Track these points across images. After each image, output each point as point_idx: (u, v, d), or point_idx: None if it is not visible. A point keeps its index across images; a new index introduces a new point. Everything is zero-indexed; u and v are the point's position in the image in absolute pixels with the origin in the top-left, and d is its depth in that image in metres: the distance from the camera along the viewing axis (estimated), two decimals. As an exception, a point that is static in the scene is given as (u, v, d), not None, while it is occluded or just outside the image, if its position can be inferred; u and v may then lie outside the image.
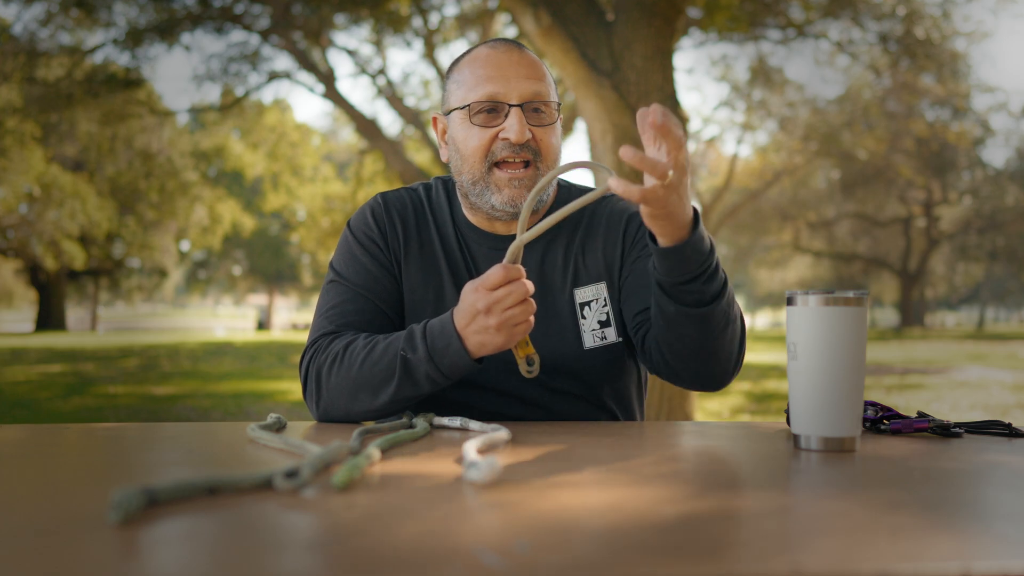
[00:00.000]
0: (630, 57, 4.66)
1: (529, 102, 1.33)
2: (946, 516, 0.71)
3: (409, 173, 10.00)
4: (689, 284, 1.18)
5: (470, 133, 1.34)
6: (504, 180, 1.33)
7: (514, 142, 1.31)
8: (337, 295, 1.38)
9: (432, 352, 1.20)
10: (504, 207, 1.35)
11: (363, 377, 1.24)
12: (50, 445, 1.09)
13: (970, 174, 29.06)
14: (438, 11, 11.48)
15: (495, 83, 1.33)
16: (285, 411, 8.13)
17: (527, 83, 1.33)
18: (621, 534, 0.64)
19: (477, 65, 1.36)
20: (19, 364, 13.68)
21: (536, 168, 1.34)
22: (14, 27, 10.50)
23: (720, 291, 1.21)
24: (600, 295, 1.40)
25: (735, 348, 1.29)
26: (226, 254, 37.83)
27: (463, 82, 1.36)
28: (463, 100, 1.35)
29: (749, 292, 48.62)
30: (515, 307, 1.14)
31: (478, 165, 1.34)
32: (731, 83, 13.96)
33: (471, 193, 1.37)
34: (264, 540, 0.63)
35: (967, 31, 10.90)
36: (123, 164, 17.46)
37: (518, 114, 1.32)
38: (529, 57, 1.37)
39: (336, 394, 1.27)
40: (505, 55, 1.35)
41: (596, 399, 1.41)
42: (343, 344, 1.28)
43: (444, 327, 1.20)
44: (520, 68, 1.34)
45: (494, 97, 1.33)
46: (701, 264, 1.16)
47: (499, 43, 1.38)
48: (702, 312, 1.20)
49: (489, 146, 1.33)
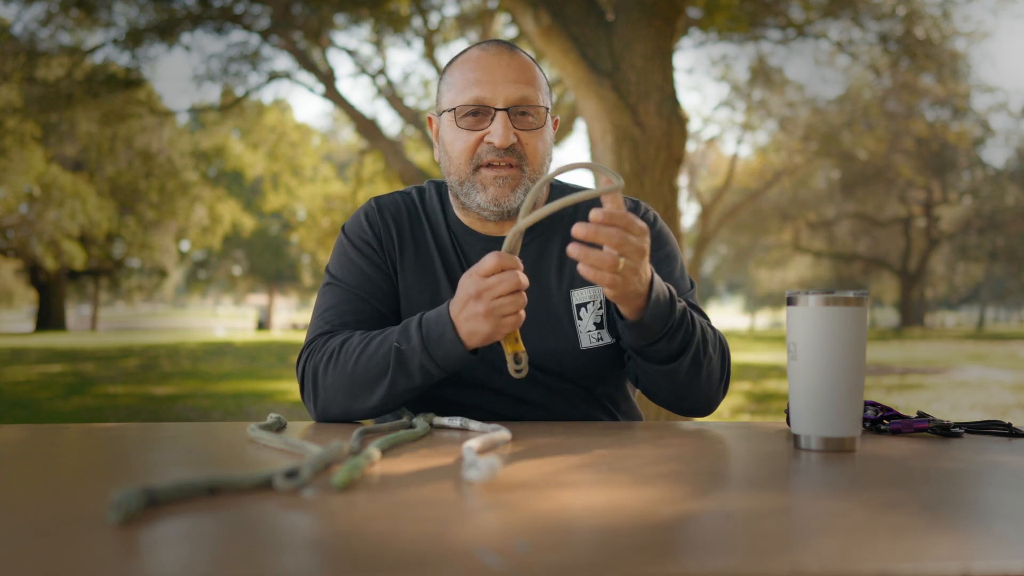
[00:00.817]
0: (630, 57, 4.66)
1: (515, 106, 1.33)
2: (946, 516, 0.71)
3: (409, 173, 10.00)
4: (654, 345, 1.24)
5: (457, 136, 1.35)
6: (489, 179, 1.34)
7: (497, 146, 1.32)
8: (333, 297, 1.38)
9: (427, 342, 1.20)
10: (488, 205, 1.35)
11: (358, 372, 1.24)
12: (50, 445, 1.09)
13: (970, 174, 29.06)
14: (438, 11, 11.49)
15: (482, 87, 1.33)
16: (285, 411, 8.14)
17: (514, 87, 1.33)
18: (621, 534, 0.64)
19: (467, 68, 1.36)
20: (19, 364, 13.68)
21: (521, 170, 1.34)
22: (14, 27, 10.50)
23: (686, 343, 1.26)
24: (597, 297, 1.40)
25: (715, 381, 1.34)
26: (226, 254, 37.83)
27: (453, 84, 1.37)
28: (451, 103, 1.36)
29: (749, 292, 48.62)
30: (505, 296, 1.14)
31: (464, 167, 1.35)
32: (731, 83, 13.97)
33: (459, 193, 1.38)
34: (264, 540, 0.63)
35: (967, 31, 10.91)
36: (123, 164, 17.46)
37: (503, 118, 1.32)
38: (520, 60, 1.36)
39: (333, 392, 1.27)
40: (495, 57, 1.35)
41: (594, 399, 1.42)
42: (339, 341, 1.29)
43: (439, 316, 1.20)
44: (508, 71, 1.34)
45: (480, 101, 1.33)
46: (664, 326, 1.22)
47: (491, 45, 1.38)
48: (672, 367, 1.27)
49: (475, 149, 1.34)
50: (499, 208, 1.35)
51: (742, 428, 1.29)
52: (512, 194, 1.34)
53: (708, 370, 1.30)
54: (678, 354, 1.25)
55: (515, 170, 1.34)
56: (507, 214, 1.37)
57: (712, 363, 1.31)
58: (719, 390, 1.35)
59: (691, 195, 19.68)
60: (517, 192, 1.35)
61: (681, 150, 4.72)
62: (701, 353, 1.28)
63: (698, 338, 1.27)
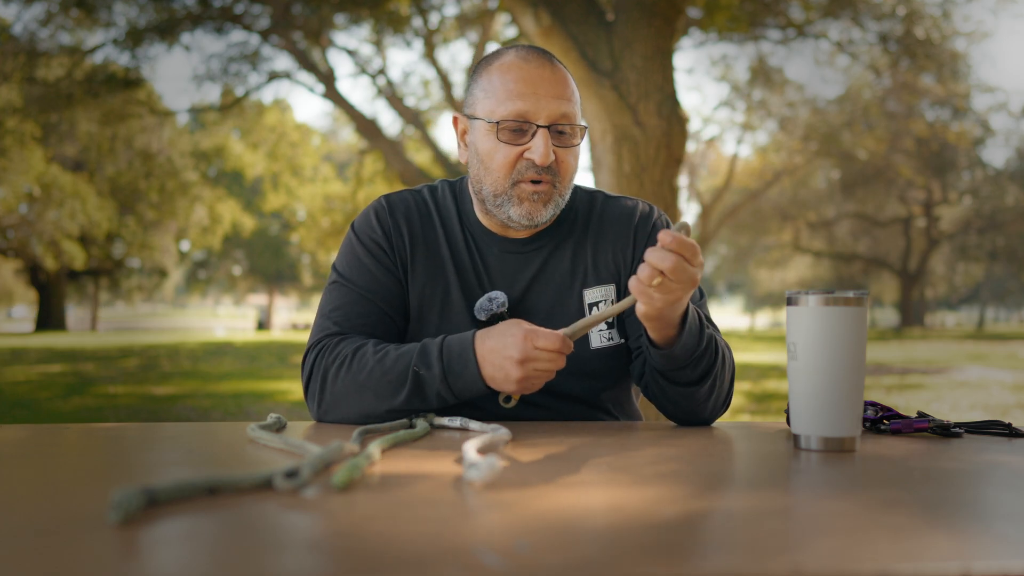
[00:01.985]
0: (630, 57, 4.66)
1: (556, 123, 1.32)
2: (946, 516, 0.71)
3: (409, 173, 10.00)
4: (681, 371, 1.25)
5: (496, 148, 1.33)
6: (527, 193, 1.33)
7: (538, 163, 1.31)
8: (340, 297, 1.38)
9: (447, 373, 1.21)
10: (521, 220, 1.35)
11: (371, 384, 1.24)
12: (50, 445, 1.09)
13: (970, 174, 29.05)
14: (438, 11, 11.49)
15: (525, 100, 1.31)
16: (285, 411, 8.13)
17: (556, 103, 1.32)
18: (621, 534, 0.64)
19: (509, 77, 1.33)
20: (19, 364, 13.68)
21: (554, 187, 1.34)
22: (14, 27, 10.50)
23: (709, 369, 1.27)
24: (608, 296, 1.41)
25: (723, 399, 1.35)
26: (226, 254, 37.81)
27: (492, 92, 1.34)
28: (491, 113, 1.33)
29: (749, 292, 48.62)
30: (543, 373, 1.18)
31: (502, 181, 1.34)
32: (731, 83, 13.97)
33: (489, 203, 1.36)
34: (264, 540, 0.63)
35: (967, 31, 10.91)
36: (123, 164, 17.46)
37: (545, 136, 1.30)
38: (560, 73, 1.35)
39: (340, 397, 1.27)
40: (537, 71, 1.33)
41: (597, 401, 1.42)
42: (352, 348, 1.28)
43: (463, 350, 1.21)
44: (552, 87, 1.32)
45: (523, 116, 1.31)
46: (691, 355, 1.24)
47: (531, 54, 1.35)
48: (692, 390, 1.28)
49: (514, 164, 1.33)
50: (531, 222, 1.35)
51: (742, 428, 1.29)
52: (544, 209, 1.34)
53: (719, 391, 1.32)
54: (699, 380, 1.27)
55: (549, 186, 1.34)
56: (533, 226, 1.37)
57: (724, 384, 1.33)
58: (723, 406, 1.37)
59: (691, 195, 19.68)
60: (548, 207, 1.35)
61: (681, 150, 4.72)
62: (719, 378, 1.30)
63: (718, 364, 1.29)
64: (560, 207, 1.37)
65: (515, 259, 1.41)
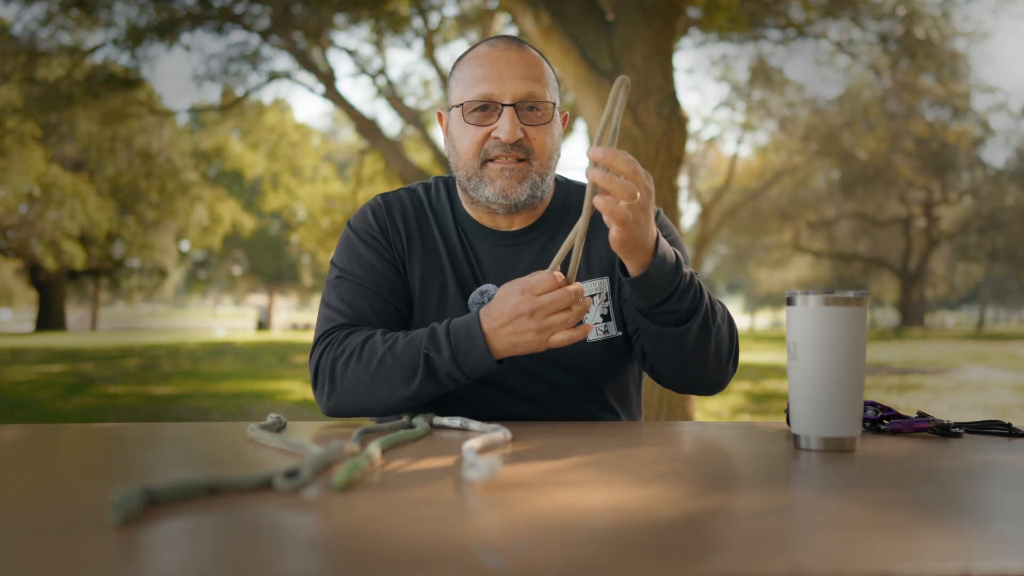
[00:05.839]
0: (630, 57, 4.66)
1: (523, 101, 1.34)
2: (946, 516, 0.71)
3: (409, 173, 10.00)
4: (663, 305, 1.22)
5: (465, 131, 1.36)
6: (496, 171, 1.35)
7: (504, 141, 1.33)
8: (344, 290, 1.38)
9: (456, 353, 1.21)
10: (496, 198, 1.36)
11: (383, 373, 1.24)
12: (50, 445, 1.09)
13: (970, 174, 29.06)
14: (438, 11, 11.49)
15: (490, 82, 1.34)
16: (285, 411, 8.13)
17: (522, 83, 1.34)
18: (621, 534, 0.64)
19: (475, 63, 1.37)
20: (19, 364, 13.68)
21: (529, 164, 1.35)
22: (14, 27, 10.49)
23: (696, 307, 1.25)
24: (603, 289, 1.41)
25: (724, 353, 1.32)
26: (226, 254, 37.79)
27: (462, 80, 1.38)
28: (460, 98, 1.37)
29: (749, 292, 48.60)
30: (559, 313, 1.16)
31: (471, 161, 1.36)
32: (731, 83, 13.97)
33: (468, 187, 1.39)
34: (264, 540, 0.63)
35: (967, 31, 10.91)
36: (123, 164, 17.47)
37: (510, 114, 1.33)
38: (528, 55, 1.37)
39: (351, 387, 1.26)
40: (503, 53, 1.36)
41: (597, 395, 1.42)
42: (361, 339, 1.28)
43: (470, 329, 1.21)
44: (517, 67, 1.35)
45: (488, 96, 1.34)
46: (671, 283, 1.21)
47: (500, 41, 1.39)
48: (681, 330, 1.25)
49: (482, 144, 1.35)
50: (507, 200, 1.36)
51: (742, 428, 1.29)
52: (519, 186, 1.35)
53: (717, 340, 1.29)
54: (687, 317, 1.25)
55: (523, 163, 1.35)
56: (515, 207, 1.38)
57: (721, 333, 1.30)
58: (728, 364, 1.33)
59: (691, 195, 19.68)
60: (524, 184, 1.35)
61: (681, 150, 4.72)
62: (710, 320, 1.27)
63: (706, 304, 1.27)
64: (540, 187, 1.38)
65: (508, 252, 1.42)
